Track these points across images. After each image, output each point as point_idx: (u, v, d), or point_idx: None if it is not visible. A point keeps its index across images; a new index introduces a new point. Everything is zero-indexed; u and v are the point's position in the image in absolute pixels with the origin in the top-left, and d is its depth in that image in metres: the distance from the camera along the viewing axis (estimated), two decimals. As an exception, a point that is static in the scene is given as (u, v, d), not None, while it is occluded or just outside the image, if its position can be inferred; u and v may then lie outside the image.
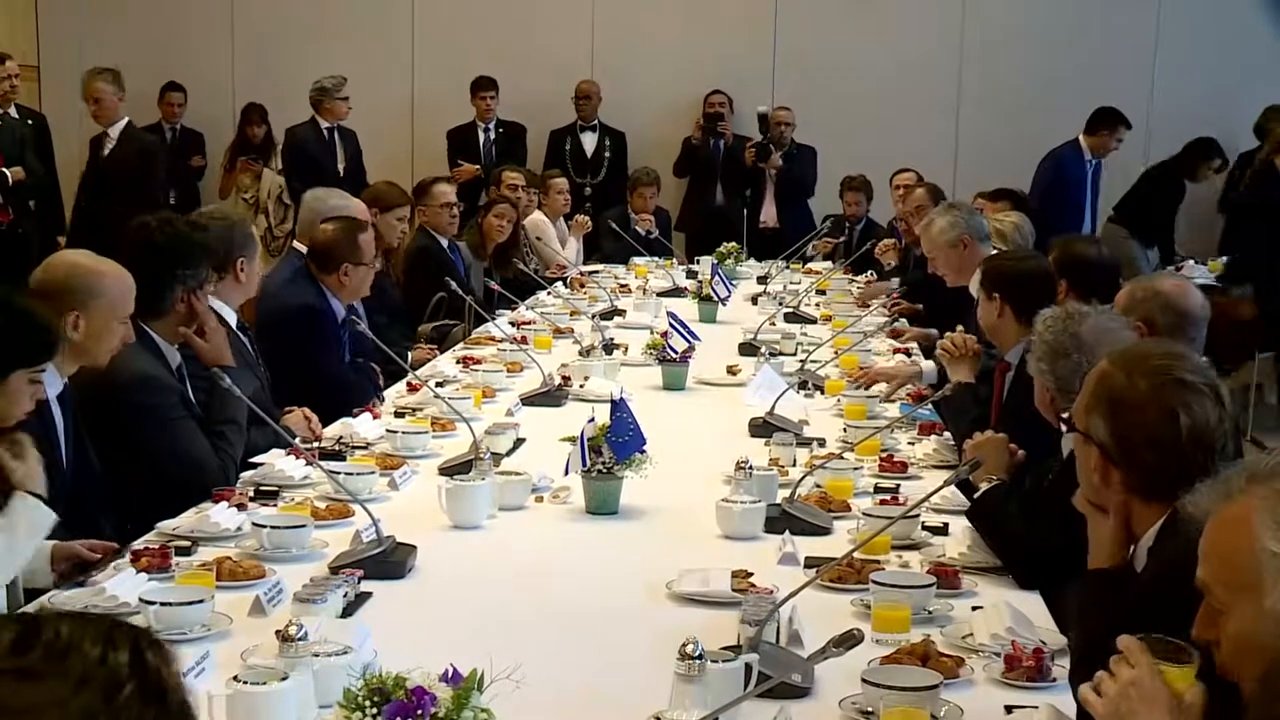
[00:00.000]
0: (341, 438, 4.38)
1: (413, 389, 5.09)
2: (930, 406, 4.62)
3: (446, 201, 7.35)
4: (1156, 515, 2.54)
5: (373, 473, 3.90)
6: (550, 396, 5.06)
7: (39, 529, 2.95)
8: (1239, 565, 1.79)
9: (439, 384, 5.07)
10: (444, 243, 7.34)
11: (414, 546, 3.28)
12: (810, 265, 9.21)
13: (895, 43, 10.96)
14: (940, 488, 3.21)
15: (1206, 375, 2.56)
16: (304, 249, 5.64)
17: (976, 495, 3.41)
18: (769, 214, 10.79)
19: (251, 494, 3.74)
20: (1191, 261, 9.33)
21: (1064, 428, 2.81)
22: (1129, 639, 1.99)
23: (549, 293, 7.86)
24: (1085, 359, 3.14)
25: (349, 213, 5.67)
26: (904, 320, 6.61)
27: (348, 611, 2.89)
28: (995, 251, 5.48)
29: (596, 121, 11.10)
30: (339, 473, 3.73)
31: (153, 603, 2.78)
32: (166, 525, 3.42)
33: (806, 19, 11.07)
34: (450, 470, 3.91)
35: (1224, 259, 9.39)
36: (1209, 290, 8.64)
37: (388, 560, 3.17)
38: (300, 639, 2.43)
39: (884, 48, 10.95)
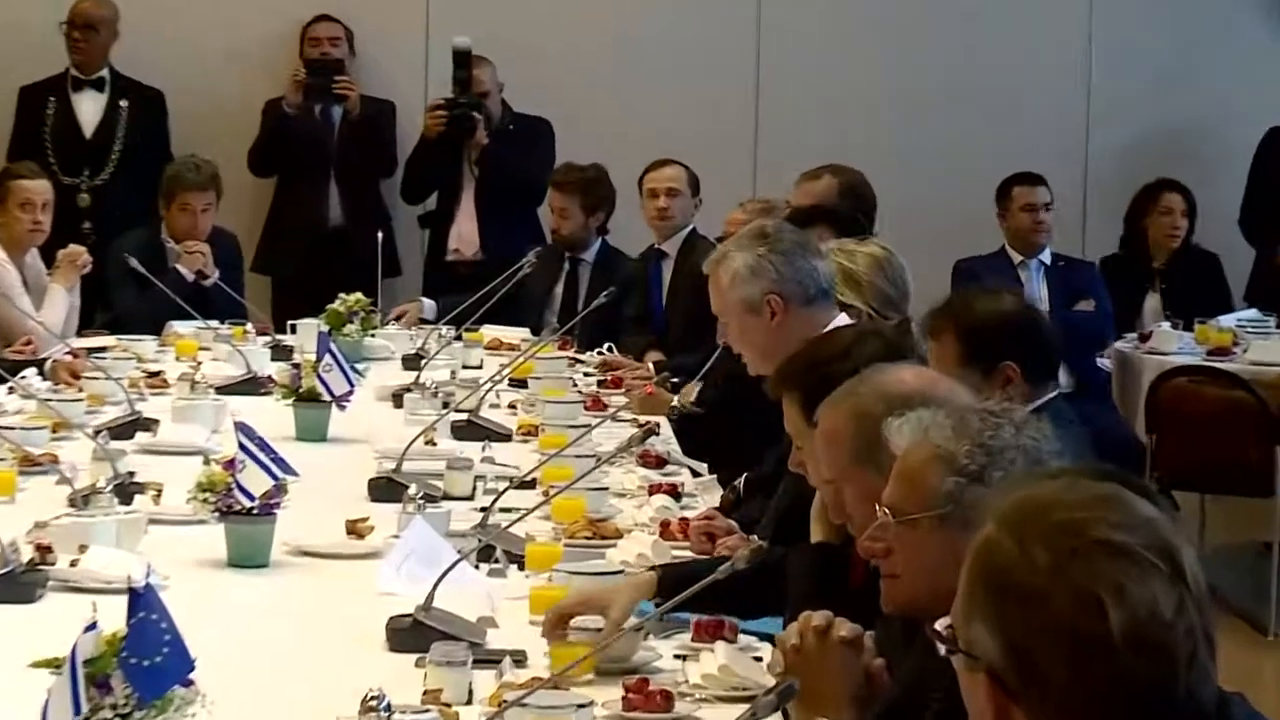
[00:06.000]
0: None
1: None
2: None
3: None
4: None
5: None
6: (13, 583, 4.20)
7: None
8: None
9: None
10: None
11: None
12: (500, 337, 7.56)
13: None
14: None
15: (1151, 531, 2.11)
16: None
17: None
18: (466, 234, 8.78)
19: None
20: None
21: (941, 646, 2.33)
22: None
23: (11, 388, 6.23)
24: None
25: None
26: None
27: None
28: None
29: (106, 72, 9.12)
30: None
31: None
32: None
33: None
34: None
35: None
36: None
37: None
38: None
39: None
